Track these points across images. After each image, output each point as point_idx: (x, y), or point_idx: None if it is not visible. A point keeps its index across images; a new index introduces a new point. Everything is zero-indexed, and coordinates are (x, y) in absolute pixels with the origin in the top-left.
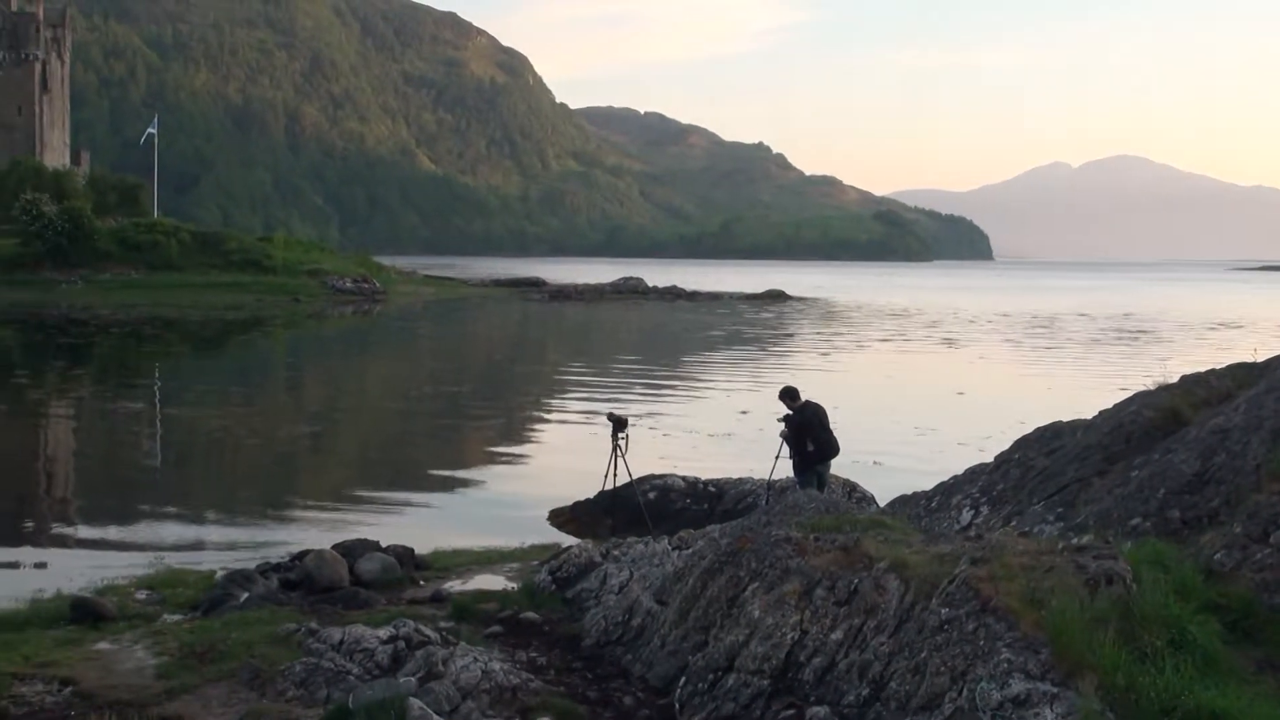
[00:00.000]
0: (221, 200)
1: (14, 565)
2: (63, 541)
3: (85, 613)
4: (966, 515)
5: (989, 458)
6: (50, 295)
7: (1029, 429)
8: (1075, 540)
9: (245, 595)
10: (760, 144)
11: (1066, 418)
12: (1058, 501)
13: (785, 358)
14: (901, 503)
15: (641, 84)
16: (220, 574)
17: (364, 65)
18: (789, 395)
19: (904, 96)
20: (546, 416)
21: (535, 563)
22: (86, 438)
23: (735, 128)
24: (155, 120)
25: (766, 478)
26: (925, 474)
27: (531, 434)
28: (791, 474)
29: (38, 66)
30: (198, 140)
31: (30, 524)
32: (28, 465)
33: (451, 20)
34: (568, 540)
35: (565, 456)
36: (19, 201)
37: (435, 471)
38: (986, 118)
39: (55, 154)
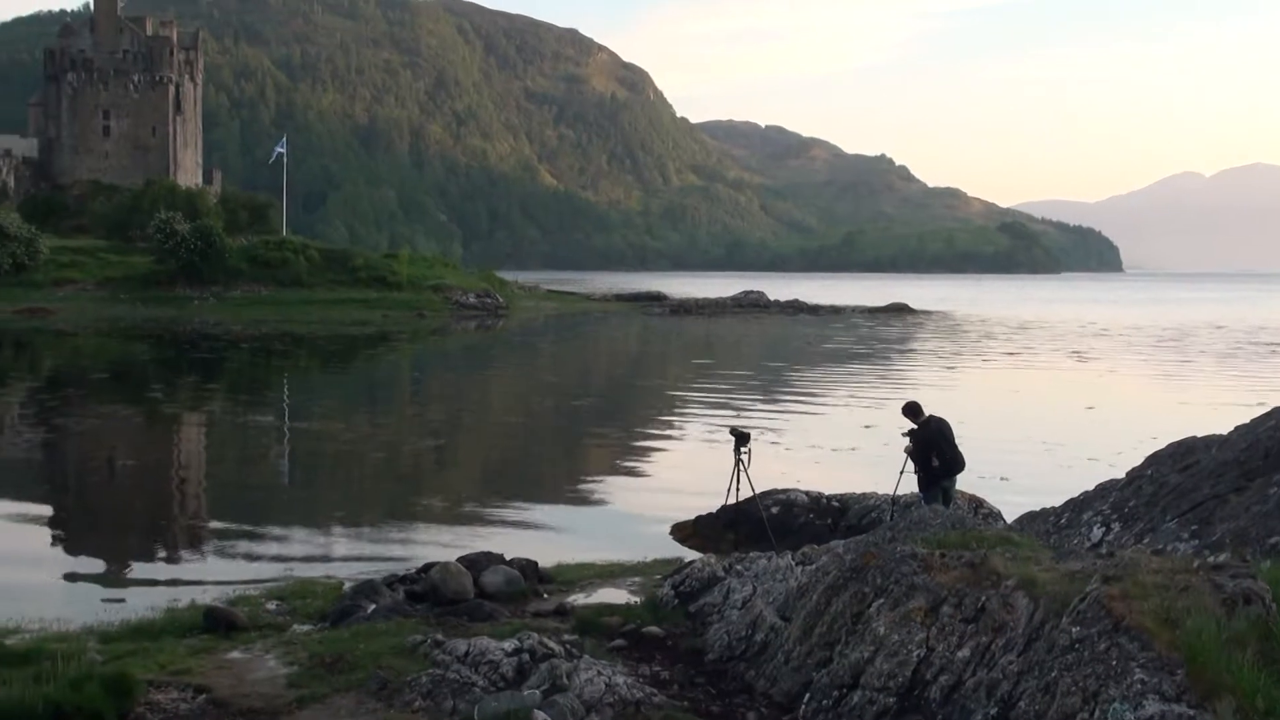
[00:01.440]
0: (348, 217)
1: (149, 575)
2: (195, 552)
3: (218, 622)
4: (1097, 532)
5: (1120, 474)
6: (183, 311)
7: (1161, 444)
8: (1211, 559)
9: (372, 607)
10: (883, 156)
11: (1200, 433)
12: (1192, 519)
13: (909, 372)
14: (1029, 519)
15: (762, 97)
16: (348, 586)
17: (486, 83)
18: (911, 411)
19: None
20: (668, 430)
21: (658, 577)
22: (218, 450)
23: (857, 140)
24: (284, 140)
25: (891, 493)
26: (1053, 490)
27: (653, 448)
28: (916, 489)
29: (171, 89)
30: (325, 159)
31: (164, 535)
32: (162, 477)
33: (573, 37)
34: (690, 555)
35: (687, 471)
36: (154, 220)
37: (558, 485)
38: (1116, 127)
39: (188, 174)
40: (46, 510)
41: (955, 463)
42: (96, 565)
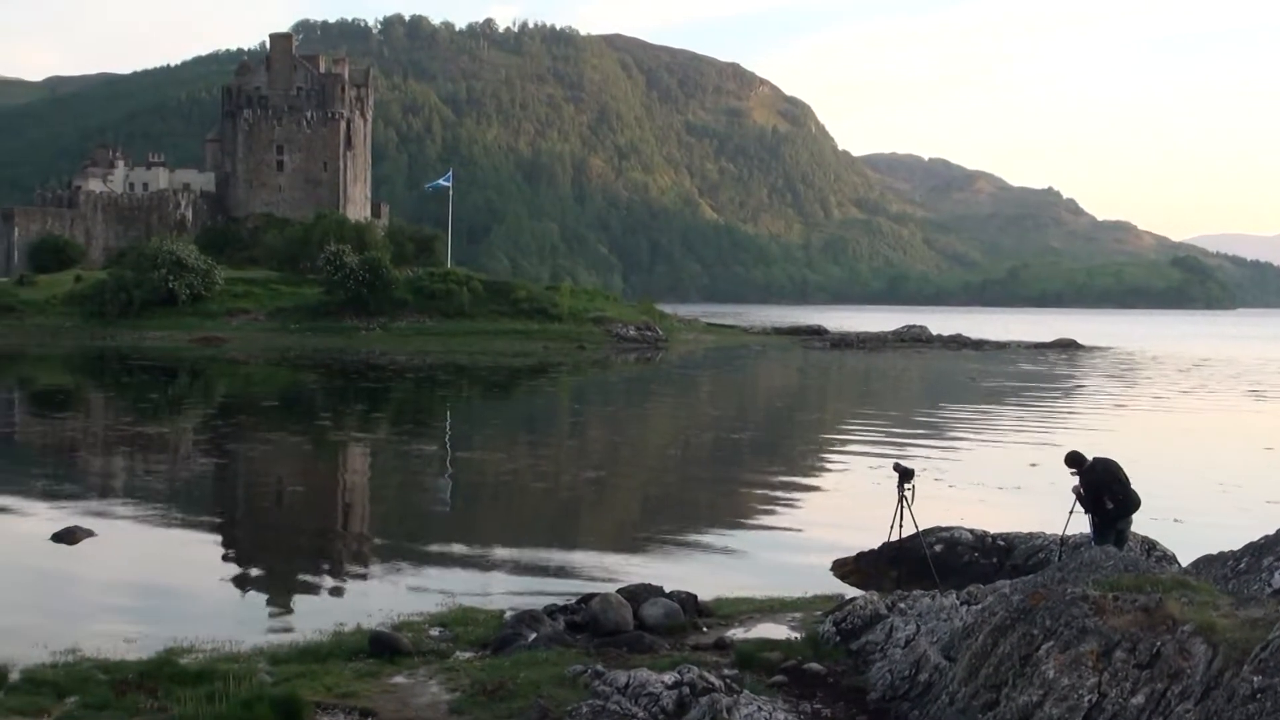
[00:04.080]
0: (511, 250)
1: (316, 598)
2: (360, 577)
3: (383, 647)
4: (1279, 579)
5: None
6: (351, 341)
7: None
8: None
9: (533, 635)
10: (1049, 189)
11: None
12: None
13: (1077, 409)
14: (1205, 563)
15: (925, 130)
16: (509, 614)
17: (648, 117)
18: (1073, 461)
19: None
20: (828, 465)
21: (819, 613)
22: (382, 477)
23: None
24: (449, 174)
25: (1059, 533)
26: (1231, 533)
27: (813, 482)
28: (1087, 530)
29: (343, 125)
30: (489, 192)
31: (330, 559)
32: (328, 502)
33: (735, 71)
34: (851, 591)
35: (848, 506)
36: (324, 253)
37: (716, 518)
38: None
39: (357, 207)
40: (218, 533)
41: (1129, 502)
42: (265, 587)
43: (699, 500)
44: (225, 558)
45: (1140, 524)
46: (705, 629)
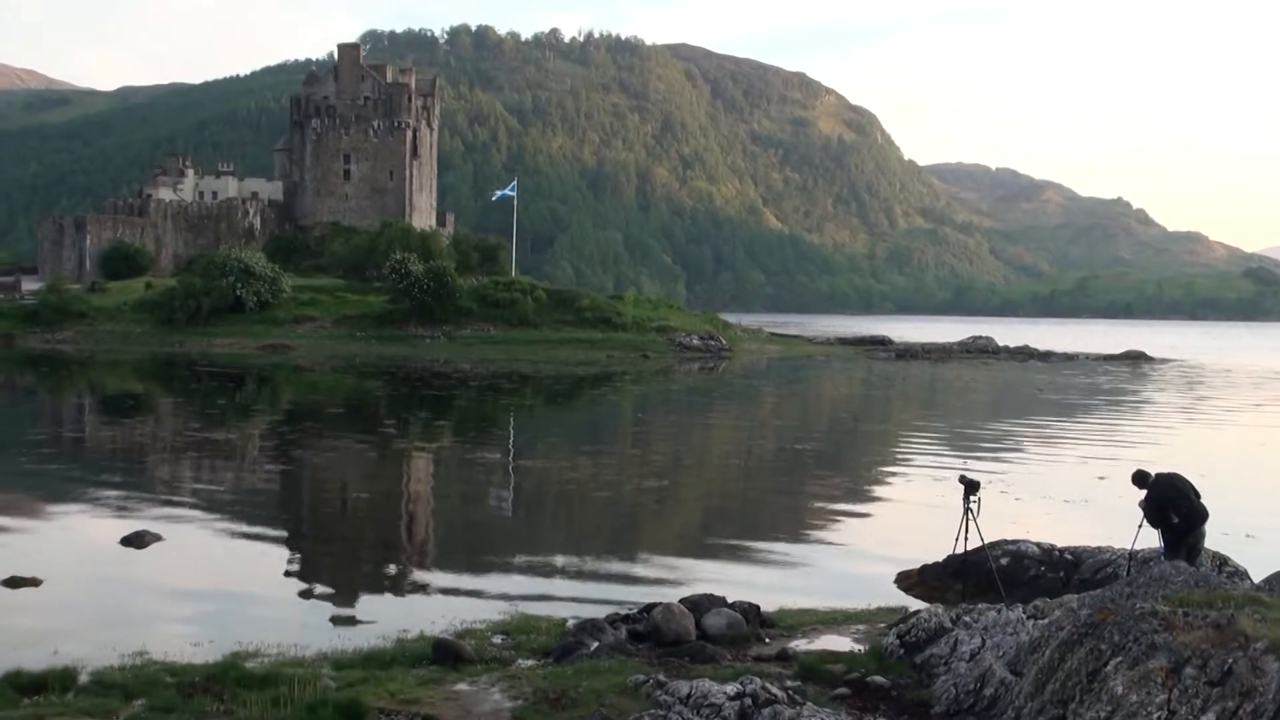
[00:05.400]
0: (575, 259)
1: (379, 603)
2: (423, 583)
3: (446, 654)
4: None
5: None
6: (415, 350)
7: None
8: None
9: (595, 644)
10: (1119, 199)
11: None
12: None
13: (1145, 422)
14: (1279, 579)
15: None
16: (571, 622)
17: (713, 126)
18: (1138, 480)
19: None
20: (892, 477)
21: (882, 625)
22: (445, 485)
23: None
24: (514, 183)
25: (1128, 547)
26: None
27: (876, 494)
28: (1157, 544)
29: (409, 134)
30: (553, 201)
31: (394, 565)
32: (392, 509)
33: (800, 80)
34: (915, 604)
35: (911, 518)
36: (389, 261)
37: (779, 529)
38: None
39: (423, 216)
40: (283, 538)
41: (1196, 515)
42: (329, 593)
43: (761, 510)
44: (290, 563)
45: (1212, 540)
46: (768, 640)
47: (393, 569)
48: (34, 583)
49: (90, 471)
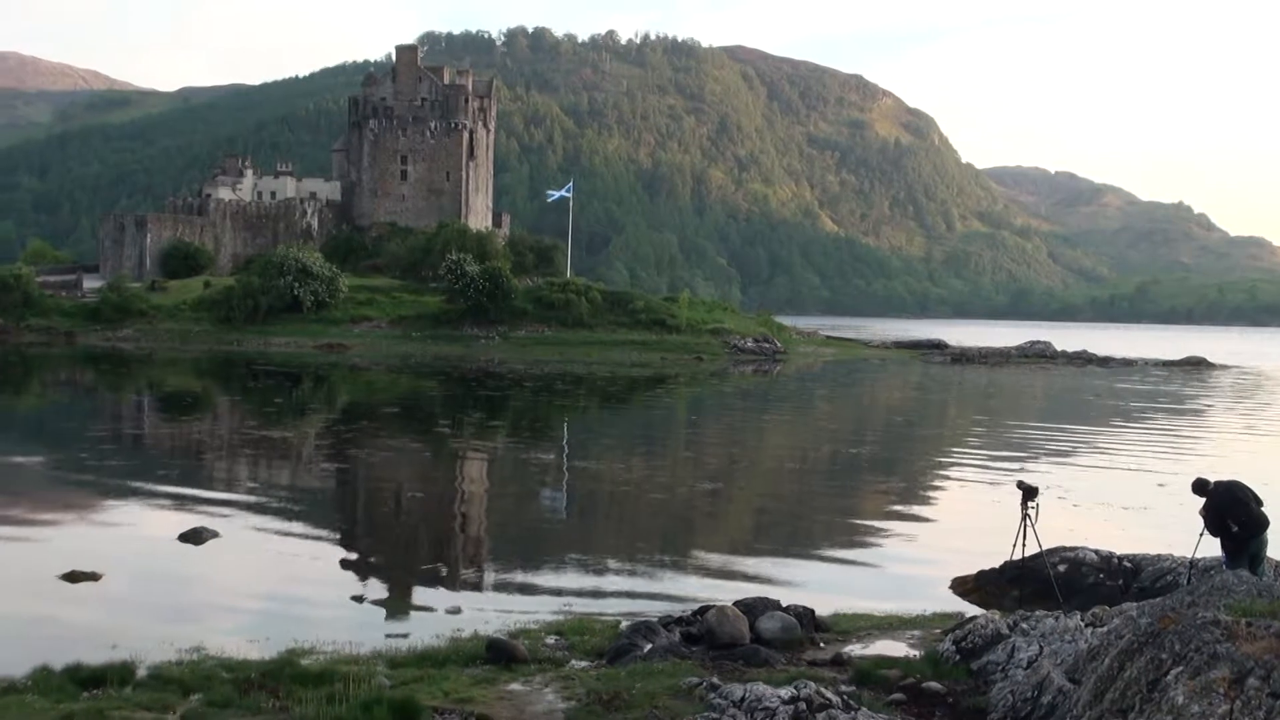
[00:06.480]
0: (629, 260)
1: (433, 603)
2: (477, 583)
3: (500, 654)
4: None
5: None
6: (470, 350)
7: None
8: None
9: (649, 646)
10: (1180, 203)
11: None
12: None
13: (1206, 428)
14: None
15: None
16: (625, 624)
17: (769, 128)
18: (1198, 488)
19: None
20: (947, 482)
21: (938, 631)
22: (499, 485)
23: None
24: (570, 184)
25: (1189, 555)
26: None
27: (932, 499)
28: (1219, 553)
29: (466, 135)
30: (609, 203)
31: (448, 564)
32: (446, 509)
33: (857, 83)
34: (971, 610)
35: (967, 523)
36: (445, 262)
37: (834, 533)
38: None
39: (479, 217)
40: (339, 536)
41: (1256, 522)
42: (384, 591)
43: (815, 513)
44: (345, 561)
45: (1274, 549)
46: (822, 644)
47: (447, 568)
48: (93, 577)
49: (149, 468)
